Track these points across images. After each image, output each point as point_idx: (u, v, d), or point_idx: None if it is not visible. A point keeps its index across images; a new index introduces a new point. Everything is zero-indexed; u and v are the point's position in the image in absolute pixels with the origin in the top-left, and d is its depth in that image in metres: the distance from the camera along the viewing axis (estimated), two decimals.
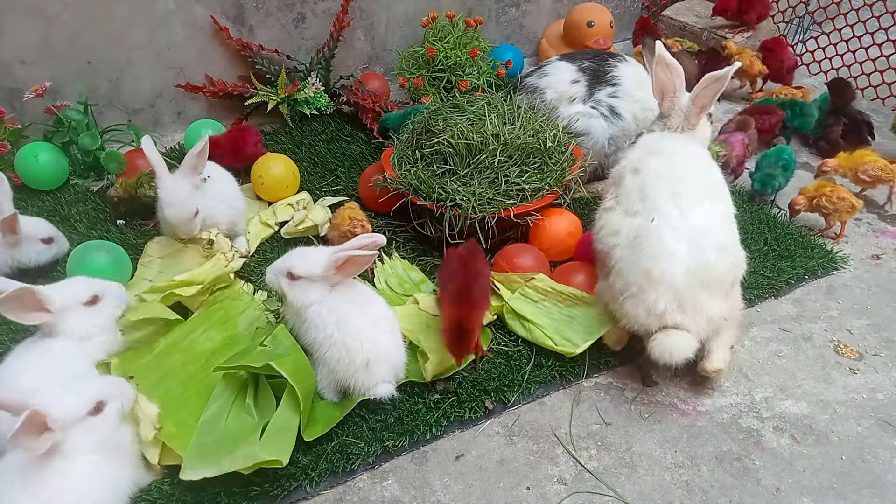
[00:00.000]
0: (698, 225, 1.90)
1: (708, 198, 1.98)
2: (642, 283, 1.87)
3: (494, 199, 2.28)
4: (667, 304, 1.85)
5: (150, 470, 1.72)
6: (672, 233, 1.88)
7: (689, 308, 1.85)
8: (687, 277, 1.85)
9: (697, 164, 2.09)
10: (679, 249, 1.86)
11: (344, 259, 1.83)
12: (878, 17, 3.47)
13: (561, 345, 2.03)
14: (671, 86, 2.21)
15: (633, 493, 1.75)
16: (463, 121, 2.42)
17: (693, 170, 2.05)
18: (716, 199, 2.00)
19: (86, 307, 1.86)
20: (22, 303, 1.72)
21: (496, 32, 3.84)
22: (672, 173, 2.00)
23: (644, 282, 1.87)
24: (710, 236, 1.90)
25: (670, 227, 1.89)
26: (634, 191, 2.01)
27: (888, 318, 2.29)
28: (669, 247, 1.87)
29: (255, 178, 2.65)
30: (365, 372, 1.81)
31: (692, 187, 1.97)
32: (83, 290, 1.87)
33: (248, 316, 2.16)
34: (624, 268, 1.93)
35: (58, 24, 2.78)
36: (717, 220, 1.95)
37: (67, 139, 2.77)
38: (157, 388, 1.86)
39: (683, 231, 1.89)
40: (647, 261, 1.88)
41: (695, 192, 1.96)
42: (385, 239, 1.93)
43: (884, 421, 1.94)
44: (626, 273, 1.92)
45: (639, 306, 1.88)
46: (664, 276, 1.85)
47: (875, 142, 3.13)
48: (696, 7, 3.96)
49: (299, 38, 3.31)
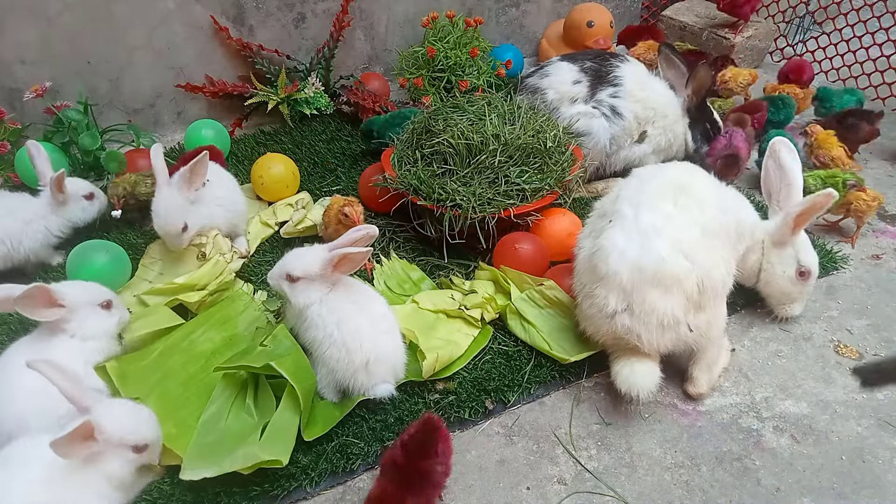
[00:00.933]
0: (654, 224, 1.84)
1: (686, 209, 1.88)
2: (593, 280, 1.89)
3: (494, 200, 2.28)
4: (616, 304, 1.83)
5: (150, 470, 1.72)
6: (622, 232, 1.86)
7: (638, 307, 1.81)
8: (633, 273, 1.80)
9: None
10: (628, 246, 1.83)
11: (340, 256, 1.83)
12: (879, 17, 3.47)
13: (556, 350, 2.03)
14: (777, 188, 2.18)
15: (633, 493, 1.75)
16: (463, 121, 2.42)
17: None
18: (701, 211, 1.89)
19: (101, 309, 1.89)
20: (35, 301, 1.74)
21: (496, 32, 3.84)
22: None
23: (594, 279, 1.88)
24: (666, 236, 1.82)
25: (622, 227, 1.88)
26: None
27: (888, 318, 2.29)
28: (618, 243, 1.84)
29: (255, 178, 2.65)
30: (364, 372, 1.81)
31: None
32: (99, 292, 1.91)
33: (248, 316, 2.16)
34: (579, 268, 1.97)
35: (58, 24, 2.78)
36: (685, 226, 1.85)
37: (67, 139, 2.77)
38: (156, 389, 1.86)
39: (634, 230, 1.85)
40: (596, 258, 1.88)
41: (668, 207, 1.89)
42: (377, 230, 1.93)
43: (884, 421, 1.94)
44: (581, 272, 1.96)
45: (592, 306, 1.89)
46: (609, 271, 1.83)
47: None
48: (696, 7, 3.95)
49: (299, 38, 3.31)
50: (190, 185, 2.20)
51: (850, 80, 3.68)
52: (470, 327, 2.12)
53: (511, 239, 2.27)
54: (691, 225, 1.86)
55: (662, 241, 1.81)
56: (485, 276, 2.29)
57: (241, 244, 2.44)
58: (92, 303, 1.87)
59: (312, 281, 1.86)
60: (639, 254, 1.81)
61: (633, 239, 1.83)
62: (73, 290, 1.83)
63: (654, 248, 1.80)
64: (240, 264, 2.32)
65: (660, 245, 1.80)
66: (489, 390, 1.97)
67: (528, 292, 2.16)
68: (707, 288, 1.81)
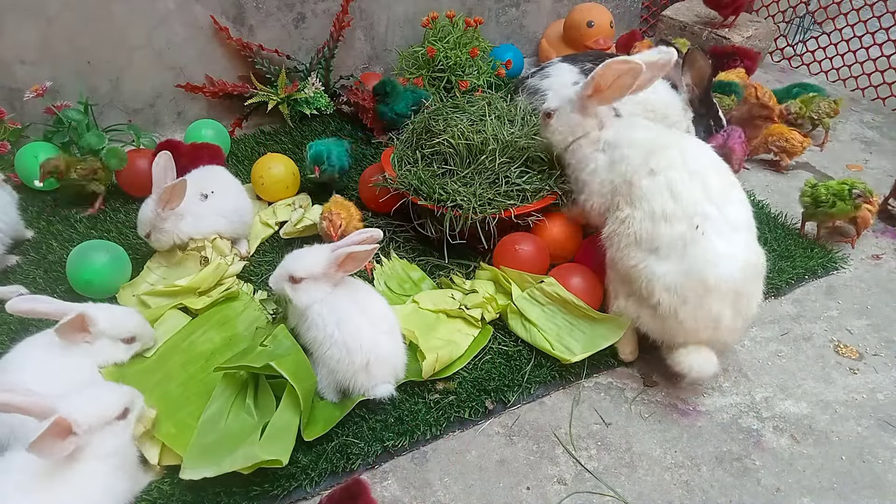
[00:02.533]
0: (738, 215, 1.87)
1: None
2: (698, 294, 1.83)
3: (495, 200, 2.28)
4: (728, 309, 1.84)
5: (150, 470, 1.72)
6: (719, 236, 1.82)
7: (744, 304, 1.86)
8: (744, 272, 1.82)
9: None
10: (731, 249, 1.82)
11: (344, 256, 1.83)
12: (879, 17, 3.47)
13: (559, 350, 2.02)
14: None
15: (633, 493, 1.75)
16: (463, 121, 2.42)
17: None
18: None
19: (121, 343, 1.92)
20: (73, 326, 1.79)
21: (496, 32, 3.83)
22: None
23: (699, 293, 1.82)
24: (751, 222, 1.90)
25: (716, 231, 1.83)
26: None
27: (888, 318, 2.29)
28: (720, 249, 1.81)
29: (255, 178, 2.65)
30: (365, 373, 1.81)
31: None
32: (126, 328, 1.92)
33: (248, 316, 2.16)
34: (659, 285, 1.86)
35: (58, 24, 2.78)
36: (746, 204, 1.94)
37: (67, 139, 2.77)
38: (157, 389, 1.86)
39: (727, 228, 1.84)
40: (700, 272, 1.81)
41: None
42: (381, 233, 1.93)
43: (884, 421, 1.94)
44: (670, 289, 1.85)
45: (697, 319, 1.85)
46: (722, 280, 1.80)
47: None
48: (696, 7, 3.95)
49: (299, 38, 3.31)
50: (165, 205, 2.18)
51: (850, 79, 3.68)
52: (470, 327, 2.12)
53: (511, 240, 2.27)
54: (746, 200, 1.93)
55: (752, 233, 1.87)
56: (485, 275, 2.29)
57: (241, 246, 2.44)
58: (116, 337, 1.90)
59: (316, 280, 1.86)
60: (745, 252, 1.83)
61: (731, 238, 1.83)
62: (105, 320, 1.85)
63: (751, 242, 1.86)
64: (241, 267, 2.33)
65: (753, 238, 1.87)
66: (489, 390, 1.97)
67: (529, 290, 2.16)
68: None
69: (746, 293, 1.85)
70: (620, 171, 2.03)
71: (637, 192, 1.94)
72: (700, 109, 2.77)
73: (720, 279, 1.78)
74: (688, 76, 2.71)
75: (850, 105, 3.56)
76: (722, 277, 1.78)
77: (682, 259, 1.82)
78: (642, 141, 2.04)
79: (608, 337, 2.01)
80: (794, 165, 3.06)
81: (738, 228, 1.85)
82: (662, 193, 1.88)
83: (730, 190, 1.91)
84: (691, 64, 2.67)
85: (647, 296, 1.88)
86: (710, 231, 1.81)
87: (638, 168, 1.97)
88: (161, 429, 1.75)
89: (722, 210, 1.84)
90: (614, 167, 2.06)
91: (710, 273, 1.78)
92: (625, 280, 1.96)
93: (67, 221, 2.57)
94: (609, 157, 2.10)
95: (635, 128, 2.14)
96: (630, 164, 2.00)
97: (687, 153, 1.94)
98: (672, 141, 2.02)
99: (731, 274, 1.79)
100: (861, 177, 2.98)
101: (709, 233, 1.81)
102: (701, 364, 1.86)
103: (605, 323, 2.03)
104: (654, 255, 1.87)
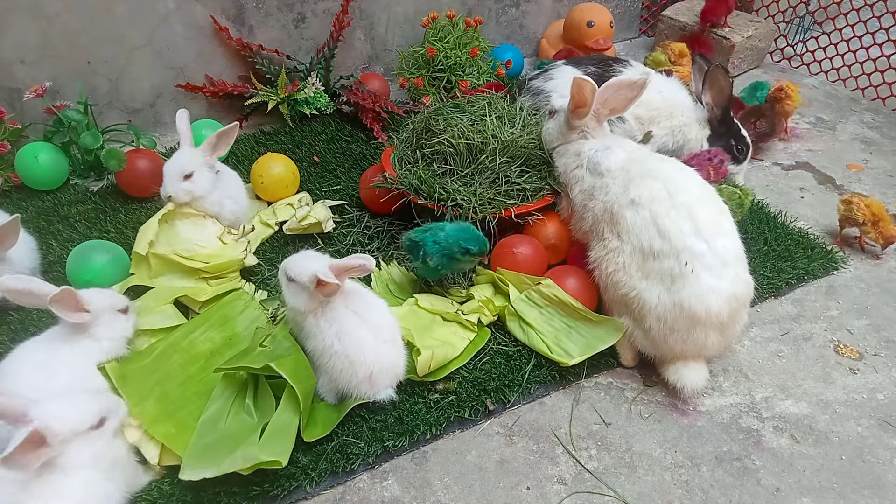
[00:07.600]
0: (726, 246, 1.87)
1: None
2: (687, 326, 1.87)
3: (495, 199, 2.28)
4: (714, 336, 1.89)
5: (150, 470, 1.72)
6: (707, 271, 1.83)
7: (730, 329, 1.93)
8: (730, 304, 1.86)
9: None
10: (720, 284, 1.83)
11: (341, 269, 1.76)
12: (879, 17, 3.47)
13: (556, 353, 2.02)
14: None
15: (633, 493, 1.75)
16: (464, 120, 2.42)
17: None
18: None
19: (120, 314, 1.93)
20: (66, 303, 1.78)
21: (496, 32, 3.83)
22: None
23: (689, 325, 1.87)
24: (740, 253, 1.91)
25: (705, 266, 1.83)
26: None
27: (888, 318, 2.29)
28: (709, 283, 1.83)
29: (255, 178, 2.65)
30: (368, 383, 1.81)
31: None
32: (118, 299, 1.95)
33: (248, 316, 2.16)
34: (651, 313, 1.90)
35: (58, 24, 2.78)
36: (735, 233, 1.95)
37: (67, 139, 2.77)
38: (156, 390, 1.86)
39: (716, 262, 1.84)
40: (689, 307, 1.84)
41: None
42: (374, 262, 1.79)
43: (884, 421, 1.94)
44: (659, 318, 1.89)
45: (686, 343, 1.90)
46: (709, 313, 1.84)
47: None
48: (696, 7, 3.94)
49: (299, 38, 3.31)
50: (213, 151, 2.33)
51: (850, 79, 3.68)
52: (466, 331, 2.11)
53: (508, 242, 2.27)
54: (734, 231, 1.94)
55: (742, 263, 1.90)
56: (483, 279, 2.29)
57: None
58: (112, 308, 1.90)
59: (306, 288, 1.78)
60: (732, 284, 1.85)
61: (720, 273, 1.84)
62: (97, 296, 1.87)
63: (741, 273, 1.88)
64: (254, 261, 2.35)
65: (743, 268, 1.89)
66: (489, 390, 1.97)
67: (527, 292, 2.16)
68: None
69: (733, 321, 1.91)
70: (601, 199, 2.05)
71: (623, 225, 1.94)
72: (720, 129, 2.70)
73: (709, 314, 1.83)
74: (708, 95, 2.66)
75: (850, 105, 3.57)
76: (711, 312, 1.83)
77: (670, 291, 1.85)
78: (618, 169, 2.05)
79: (606, 339, 2.01)
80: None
81: (728, 263, 1.85)
82: (649, 229, 1.89)
83: (718, 220, 1.90)
84: (712, 83, 2.63)
85: (639, 319, 1.94)
86: (699, 268, 1.82)
87: (618, 196, 1.99)
88: (161, 429, 1.75)
89: (711, 244, 1.84)
90: (594, 195, 2.09)
91: (698, 308, 1.82)
92: (618, 301, 2.00)
93: (67, 221, 2.56)
94: (590, 182, 2.13)
95: (612, 151, 2.13)
96: (609, 194, 2.03)
97: (670, 184, 1.92)
98: (653, 169, 1.99)
99: (719, 308, 1.83)
100: (861, 177, 2.99)
101: (698, 269, 1.82)
102: (693, 379, 1.92)
103: (603, 325, 2.03)
104: (645, 281, 1.90)
